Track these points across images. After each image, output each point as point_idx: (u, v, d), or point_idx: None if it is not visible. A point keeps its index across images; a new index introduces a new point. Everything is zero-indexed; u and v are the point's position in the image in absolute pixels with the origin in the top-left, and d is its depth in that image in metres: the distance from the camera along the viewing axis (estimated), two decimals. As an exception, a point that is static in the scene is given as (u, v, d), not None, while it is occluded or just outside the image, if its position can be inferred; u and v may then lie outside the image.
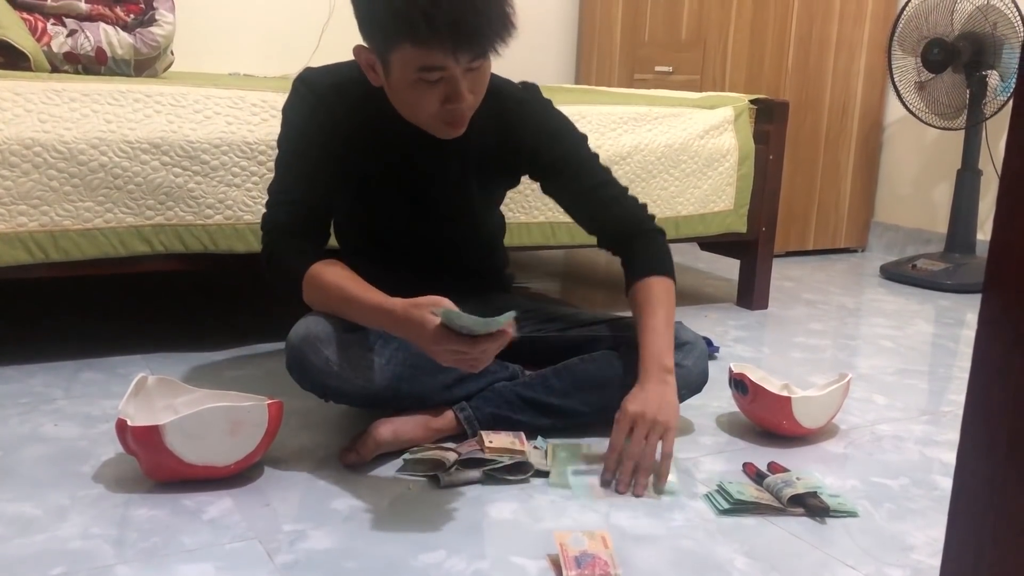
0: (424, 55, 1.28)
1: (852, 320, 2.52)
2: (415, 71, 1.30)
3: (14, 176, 1.65)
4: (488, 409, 1.49)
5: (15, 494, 1.27)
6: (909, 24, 3.07)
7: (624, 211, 1.59)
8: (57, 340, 1.99)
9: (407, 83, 1.33)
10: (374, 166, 1.51)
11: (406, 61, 1.30)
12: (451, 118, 1.37)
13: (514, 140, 1.54)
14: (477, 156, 1.53)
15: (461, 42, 1.26)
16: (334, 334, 1.38)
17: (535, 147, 1.55)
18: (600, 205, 1.59)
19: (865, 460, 1.52)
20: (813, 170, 3.46)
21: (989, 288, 0.66)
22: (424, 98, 1.34)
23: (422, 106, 1.35)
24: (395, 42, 1.29)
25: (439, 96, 1.33)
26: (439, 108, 1.35)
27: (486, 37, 1.28)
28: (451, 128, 1.39)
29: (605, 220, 1.59)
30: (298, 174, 1.46)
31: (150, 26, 2.13)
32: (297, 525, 1.21)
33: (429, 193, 1.54)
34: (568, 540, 1.13)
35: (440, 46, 1.26)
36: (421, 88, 1.33)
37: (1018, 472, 0.65)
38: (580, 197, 1.59)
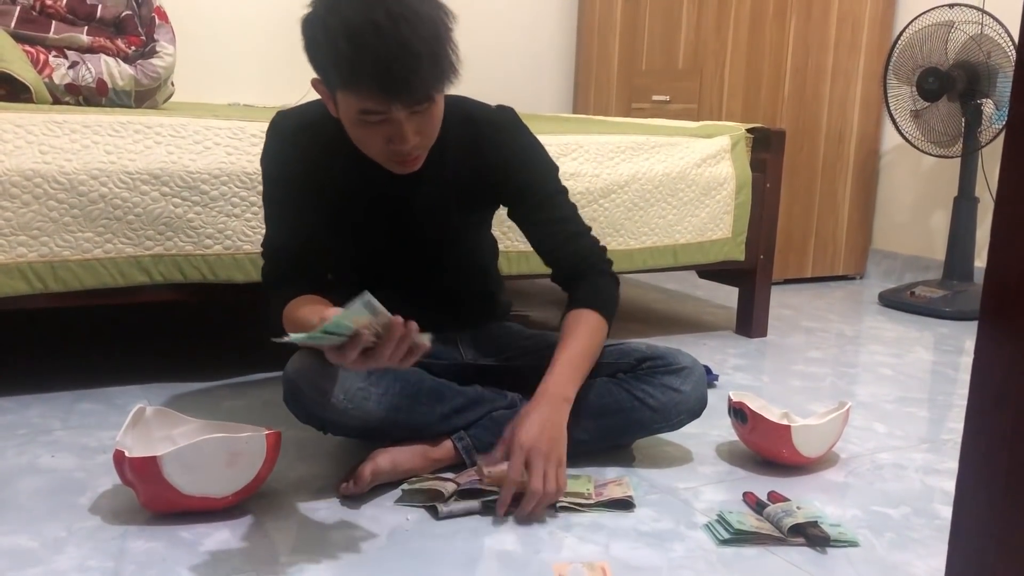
0: (360, 100, 1.28)
1: (851, 348, 2.52)
2: (356, 113, 1.30)
3: (14, 207, 1.65)
4: (487, 439, 1.48)
5: (11, 526, 1.26)
6: (904, 53, 3.09)
7: (580, 249, 1.57)
8: (55, 371, 1.99)
9: (351, 122, 1.34)
10: (353, 200, 1.51)
11: (348, 103, 1.30)
12: (398, 158, 1.36)
13: (487, 164, 1.53)
14: (454, 181, 1.52)
15: (392, 89, 1.25)
16: (330, 366, 1.38)
17: (504, 171, 1.54)
18: (558, 240, 1.57)
19: (866, 489, 1.51)
20: (810, 198, 3.48)
21: (986, 315, 0.66)
22: (369, 138, 1.34)
23: (369, 145, 1.36)
24: (334, 85, 1.31)
25: (383, 136, 1.33)
26: (384, 147, 1.34)
27: (421, 82, 1.26)
28: (402, 166, 1.38)
29: (561, 256, 1.57)
30: (279, 223, 1.50)
31: (151, 58, 2.14)
32: (295, 556, 1.20)
33: (409, 222, 1.53)
34: (567, 572, 1.12)
35: (371, 93, 1.26)
36: (365, 128, 1.32)
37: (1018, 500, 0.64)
38: (541, 229, 1.57)
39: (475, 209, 1.60)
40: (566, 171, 2.15)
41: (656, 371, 1.54)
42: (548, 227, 1.57)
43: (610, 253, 2.26)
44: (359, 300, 1.10)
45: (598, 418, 1.51)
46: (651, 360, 1.56)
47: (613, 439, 1.57)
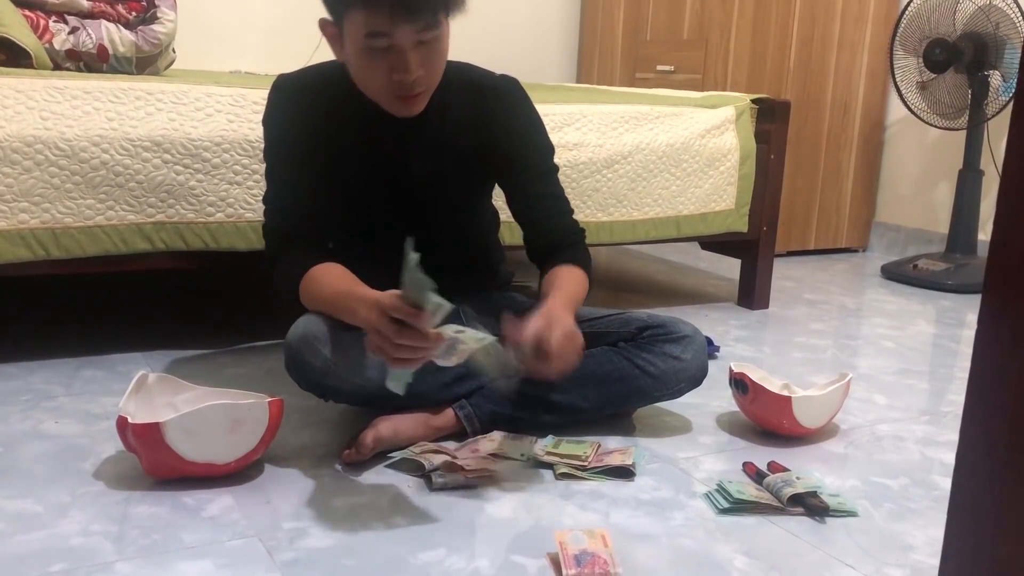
0: (368, 18, 1.30)
1: (853, 320, 2.52)
2: (363, 37, 1.32)
3: (16, 173, 1.65)
4: (488, 407, 1.49)
5: (16, 491, 1.27)
6: (911, 24, 3.06)
7: (566, 225, 1.58)
8: (58, 337, 1.99)
9: (358, 51, 1.35)
10: (352, 161, 1.51)
11: (356, 27, 1.32)
12: (401, 91, 1.36)
13: (490, 132, 1.54)
14: (454, 146, 1.53)
15: (400, 6, 1.28)
16: (332, 334, 1.38)
17: (506, 141, 1.55)
18: (548, 213, 1.58)
19: (865, 460, 1.52)
20: (814, 170, 3.46)
21: (989, 288, 0.66)
22: (373, 68, 1.35)
23: (373, 76, 1.37)
24: (347, 7, 1.32)
25: (387, 67, 1.34)
26: (388, 80, 1.35)
27: (427, 4, 1.29)
28: (403, 104, 1.39)
29: (547, 228, 1.57)
30: (285, 180, 1.49)
31: (152, 24, 2.13)
32: (297, 523, 1.21)
33: (409, 187, 1.54)
34: (568, 538, 1.13)
35: (378, 11, 1.28)
36: (369, 57, 1.34)
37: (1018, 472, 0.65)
38: (532, 201, 1.58)
39: (474, 176, 1.60)
40: (569, 141, 2.14)
41: (657, 339, 1.55)
42: (540, 201, 1.58)
43: (613, 224, 2.27)
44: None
45: (599, 386, 1.52)
46: (652, 329, 1.56)
47: (614, 407, 1.57)
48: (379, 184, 1.53)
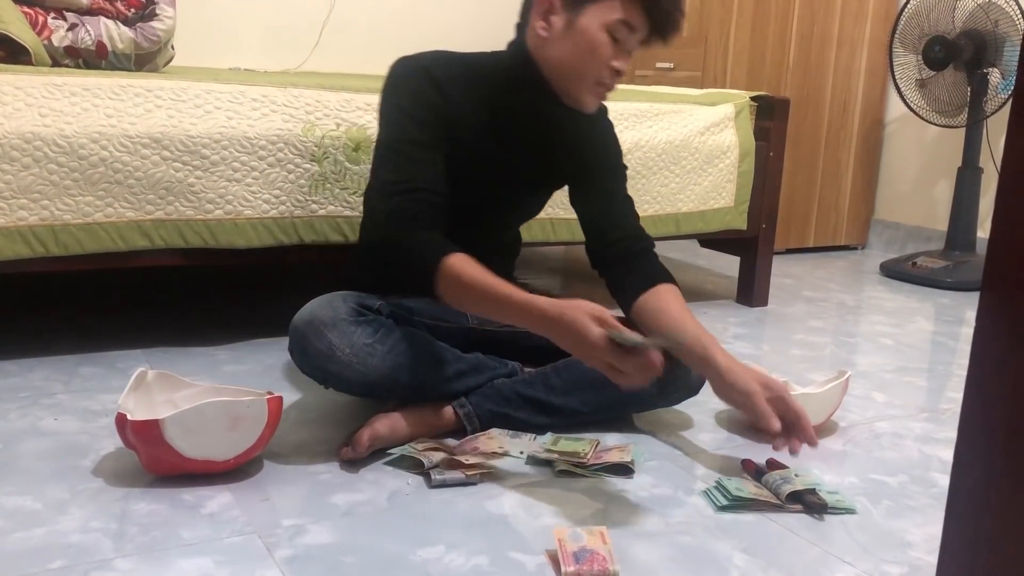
0: (632, 9, 1.39)
1: (852, 317, 2.52)
2: (611, 21, 1.39)
3: (14, 170, 1.65)
4: (487, 406, 1.49)
5: (15, 488, 1.27)
6: (910, 21, 3.06)
7: (642, 230, 1.63)
8: (57, 334, 1.99)
9: (593, 32, 1.40)
10: (468, 159, 1.50)
11: (609, 9, 1.39)
12: (608, 83, 1.44)
13: (589, 140, 1.61)
14: (554, 152, 1.59)
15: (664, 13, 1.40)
16: (339, 320, 1.38)
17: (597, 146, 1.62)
18: (630, 215, 1.62)
19: (864, 457, 1.52)
20: (813, 167, 3.46)
21: (988, 286, 0.66)
22: (599, 52, 1.41)
23: (593, 61, 1.42)
24: None
25: (611, 54, 1.41)
26: (603, 67, 1.42)
27: (676, 24, 1.43)
28: (596, 96, 1.46)
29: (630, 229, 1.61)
30: (416, 161, 1.43)
31: (151, 20, 2.12)
32: (296, 520, 1.22)
33: (506, 181, 1.57)
34: (567, 536, 1.14)
35: (643, 10, 1.39)
36: (601, 40, 1.40)
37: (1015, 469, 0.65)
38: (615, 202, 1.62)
39: (555, 182, 1.67)
40: (568, 138, 2.15)
41: None
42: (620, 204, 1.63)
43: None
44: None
45: (598, 391, 1.52)
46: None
47: (611, 412, 1.57)
48: (484, 175, 1.55)
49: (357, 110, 1.92)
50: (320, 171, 1.88)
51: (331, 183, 1.89)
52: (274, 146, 1.83)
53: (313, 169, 1.87)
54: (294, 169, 1.86)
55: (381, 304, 1.46)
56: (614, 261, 1.59)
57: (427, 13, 3.69)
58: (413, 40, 3.64)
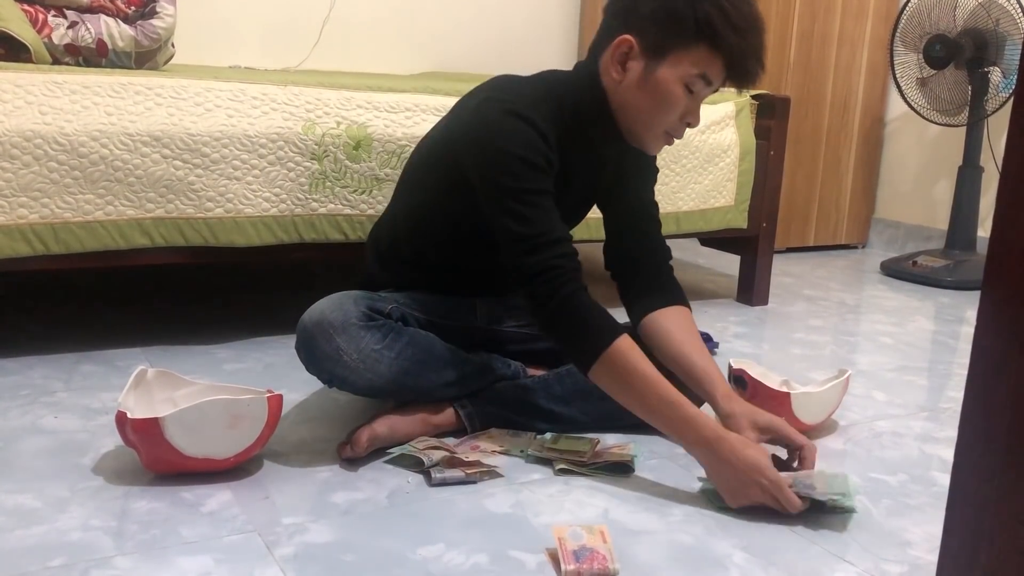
0: (712, 64, 1.36)
1: (852, 316, 2.52)
2: (690, 75, 1.37)
3: (14, 168, 1.65)
4: (488, 408, 1.49)
5: (15, 486, 1.27)
6: (911, 20, 3.06)
7: (657, 236, 1.63)
8: (57, 332, 1.99)
9: (669, 83, 1.37)
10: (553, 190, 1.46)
11: (689, 62, 1.36)
12: (678, 134, 1.44)
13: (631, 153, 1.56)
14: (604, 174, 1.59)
15: (744, 71, 1.37)
16: (348, 324, 1.37)
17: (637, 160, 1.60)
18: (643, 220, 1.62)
19: (864, 456, 1.52)
20: (814, 166, 3.46)
21: (989, 285, 0.66)
22: (674, 104, 1.39)
23: (668, 111, 1.40)
24: (692, 41, 1.35)
25: (684, 108, 1.39)
26: (674, 119, 1.40)
27: (758, 73, 1.40)
28: (664, 144, 1.46)
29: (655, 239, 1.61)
30: (553, 213, 1.38)
31: (151, 18, 2.12)
32: (296, 518, 1.22)
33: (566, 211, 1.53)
34: (566, 534, 1.13)
35: (729, 64, 1.36)
36: (677, 93, 1.38)
37: (1016, 468, 0.65)
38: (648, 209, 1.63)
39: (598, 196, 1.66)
40: (569, 137, 2.14)
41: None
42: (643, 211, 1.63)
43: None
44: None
45: (599, 402, 1.50)
46: None
47: (611, 422, 1.55)
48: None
49: (357, 108, 1.92)
50: (320, 169, 1.88)
51: (331, 181, 1.89)
52: (274, 144, 1.83)
53: (313, 167, 1.87)
54: (294, 167, 1.86)
55: (392, 308, 1.46)
56: (629, 267, 1.60)
57: (427, 11, 3.69)
58: (413, 39, 3.65)
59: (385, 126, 1.93)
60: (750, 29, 1.36)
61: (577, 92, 1.46)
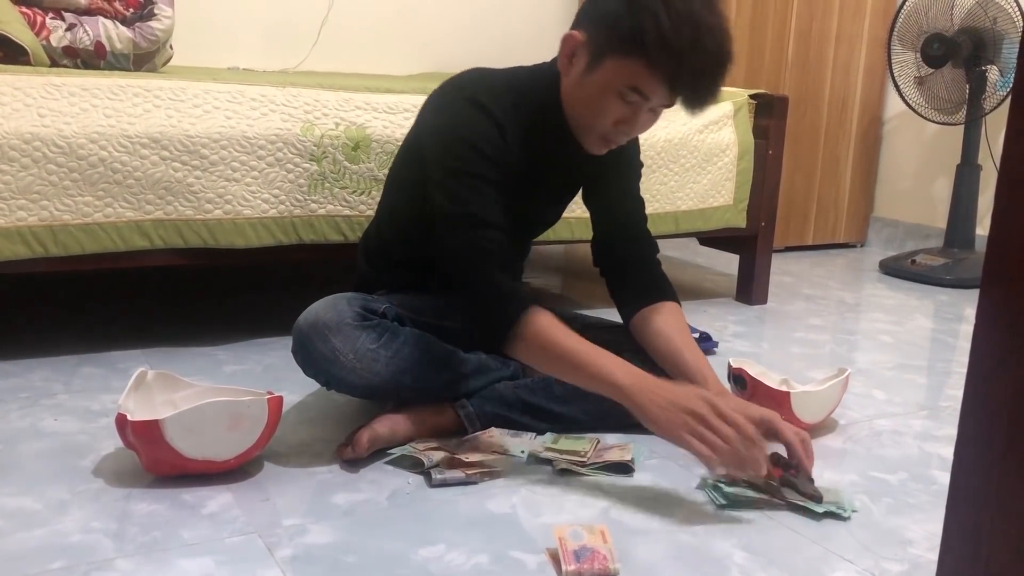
0: (647, 80, 1.30)
1: (851, 315, 2.52)
2: (623, 85, 1.32)
3: (13, 171, 1.65)
4: (488, 408, 1.49)
5: (16, 488, 1.27)
6: (909, 19, 3.06)
7: (651, 237, 1.63)
8: (57, 335, 1.99)
9: (603, 88, 1.34)
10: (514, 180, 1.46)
11: (623, 72, 1.31)
12: (614, 139, 1.40)
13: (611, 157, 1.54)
14: (582, 171, 1.58)
15: (686, 90, 1.30)
16: (343, 324, 1.37)
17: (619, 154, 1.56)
18: (638, 218, 1.62)
19: (864, 455, 1.52)
20: (812, 165, 3.46)
21: (987, 283, 0.66)
22: (607, 109, 1.35)
23: (600, 115, 1.37)
24: (627, 52, 1.30)
25: (619, 115, 1.35)
26: (612, 124, 1.37)
27: (704, 100, 1.32)
28: (604, 147, 1.42)
29: (636, 235, 1.61)
30: (487, 197, 1.37)
31: (149, 20, 2.12)
32: (297, 519, 1.22)
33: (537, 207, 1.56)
34: (567, 534, 1.14)
35: (668, 83, 1.29)
36: (612, 100, 1.34)
37: (1016, 466, 0.65)
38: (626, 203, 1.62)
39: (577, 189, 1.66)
40: (567, 137, 2.14)
41: None
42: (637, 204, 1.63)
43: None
44: None
45: (598, 401, 1.51)
46: None
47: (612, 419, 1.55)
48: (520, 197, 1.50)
49: (356, 109, 1.92)
50: (319, 170, 1.88)
51: (330, 182, 1.89)
52: (273, 146, 1.83)
53: (312, 168, 1.87)
54: (293, 169, 1.86)
55: (387, 308, 1.46)
56: (617, 264, 1.60)
57: (426, 12, 3.69)
58: (412, 40, 3.64)
59: (384, 127, 1.93)
60: (691, 51, 1.26)
61: (538, 85, 1.46)
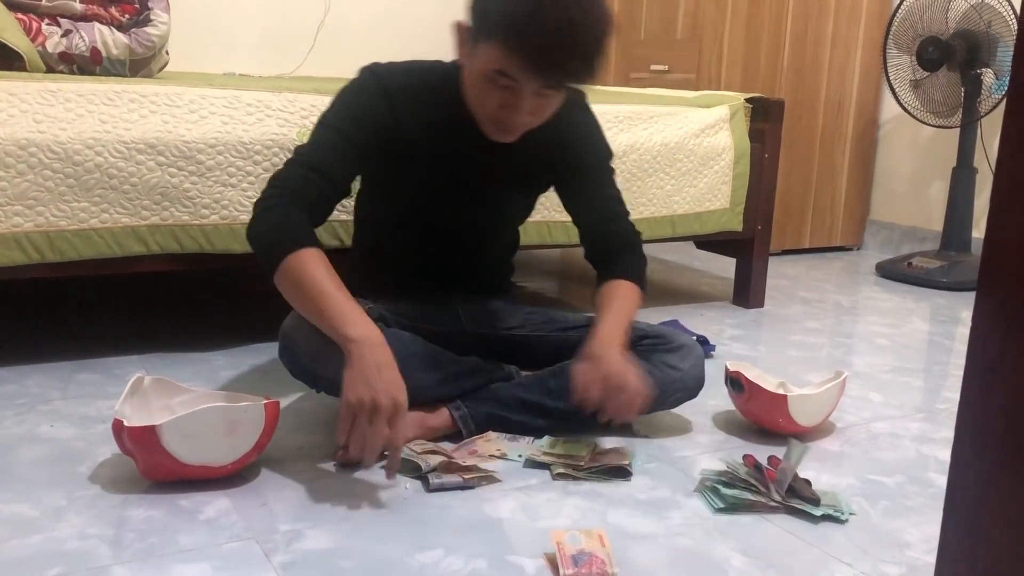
0: (505, 61, 1.30)
1: (848, 318, 2.52)
2: (491, 70, 1.33)
3: (9, 177, 1.65)
4: (484, 409, 1.49)
5: (12, 495, 1.26)
6: (904, 22, 3.07)
7: (624, 229, 1.64)
8: (53, 341, 1.99)
9: (481, 74, 1.36)
10: (432, 165, 1.51)
11: (489, 57, 1.32)
12: (503, 124, 1.40)
13: (563, 139, 1.57)
14: (525, 158, 1.56)
15: (543, 68, 1.30)
16: None
17: (577, 146, 1.59)
18: (607, 215, 1.63)
19: (861, 458, 1.52)
20: (809, 168, 3.47)
21: (983, 286, 0.66)
22: (487, 95, 1.37)
23: (483, 101, 1.39)
24: (489, 35, 1.32)
25: (500, 100, 1.36)
26: (496, 110, 1.38)
27: (569, 73, 1.32)
28: (500, 133, 1.42)
29: (604, 232, 1.63)
30: (333, 149, 1.43)
31: (145, 26, 2.12)
32: (294, 525, 1.21)
33: (474, 194, 1.56)
34: (565, 539, 1.13)
35: (519, 62, 1.29)
36: (488, 85, 1.35)
37: (1012, 468, 0.65)
38: (594, 203, 1.63)
39: (536, 187, 1.66)
40: (564, 141, 2.15)
41: (655, 349, 1.55)
42: (601, 203, 1.63)
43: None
44: None
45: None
46: (650, 338, 1.57)
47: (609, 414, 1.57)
48: (446, 190, 1.54)
49: (352, 114, 1.91)
50: (316, 175, 1.87)
51: (327, 187, 1.89)
52: (269, 151, 1.83)
53: (309, 173, 1.87)
54: (290, 174, 1.85)
55: (371, 307, 1.46)
56: (601, 258, 1.63)
57: (422, 17, 3.69)
58: (408, 44, 3.64)
59: (380, 132, 1.93)
60: (536, 29, 1.26)
61: (450, 78, 1.47)
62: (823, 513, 1.28)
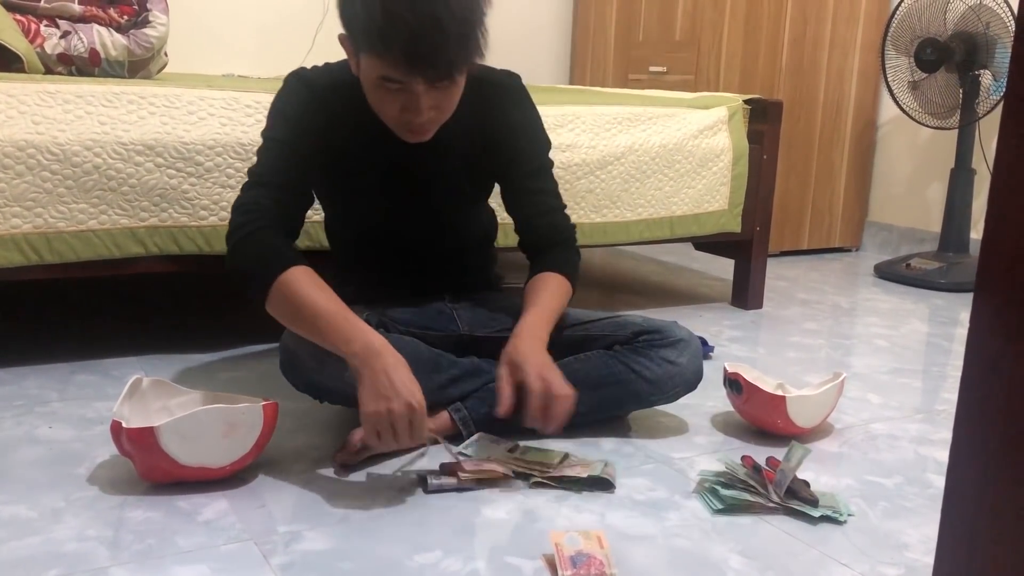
0: (382, 67, 1.30)
1: (846, 319, 2.52)
2: (377, 77, 1.33)
3: (8, 178, 1.65)
4: (483, 410, 1.49)
5: (10, 496, 1.26)
6: (902, 24, 3.07)
7: (557, 223, 1.62)
8: (51, 342, 1.99)
9: (371, 85, 1.35)
10: (366, 165, 1.52)
11: (370, 65, 1.32)
12: (410, 127, 1.38)
13: (492, 126, 1.56)
14: (460, 146, 1.54)
15: (416, 63, 1.28)
16: None
17: (507, 134, 1.57)
18: (540, 209, 1.61)
19: (859, 459, 1.52)
20: (807, 170, 3.47)
21: (982, 287, 0.66)
22: (384, 102, 1.37)
23: (382, 109, 1.38)
24: (361, 47, 1.32)
25: (398, 104, 1.35)
26: (398, 115, 1.37)
27: (446, 60, 1.29)
28: (412, 135, 1.41)
29: (539, 225, 1.61)
30: (283, 160, 1.44)
31: (144, 27, 2.12)
32: (292, 526, 1.21)
33: (415, 187, 1.55)
34: (563, 540, 1.13)
35: (395, 63, 1.28)
36: (382, 93, 1.35)
37: (1011, 470, 0.65)
38: (526, 196, 1.61)
39: (479, 174, 1.62)
40: (563, 142, 2.14)
41: (653, 344, 1.55)
42: (534, 196, 1.61)
43: (606, 225, 2.27)
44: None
45: (595, 390, 1.52)
46: (648, 333, 1.56)
47: (610, 411, 1.57)
48: (389, 185, 1.54)
49: (351, 116, 1.92)
50: (314, 177, 1.87)
51: (325, 189, 1.89)
52: (268, 152, 1.83)
53: (307, 175, 1.87)
54: (288, 175, 1.85)
55: (368, 315, 1.46)
56: (533, 251, 1.62)
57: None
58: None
59: (379, 133, 1.93)
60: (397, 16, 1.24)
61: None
62: (821, 514, 1.28)
